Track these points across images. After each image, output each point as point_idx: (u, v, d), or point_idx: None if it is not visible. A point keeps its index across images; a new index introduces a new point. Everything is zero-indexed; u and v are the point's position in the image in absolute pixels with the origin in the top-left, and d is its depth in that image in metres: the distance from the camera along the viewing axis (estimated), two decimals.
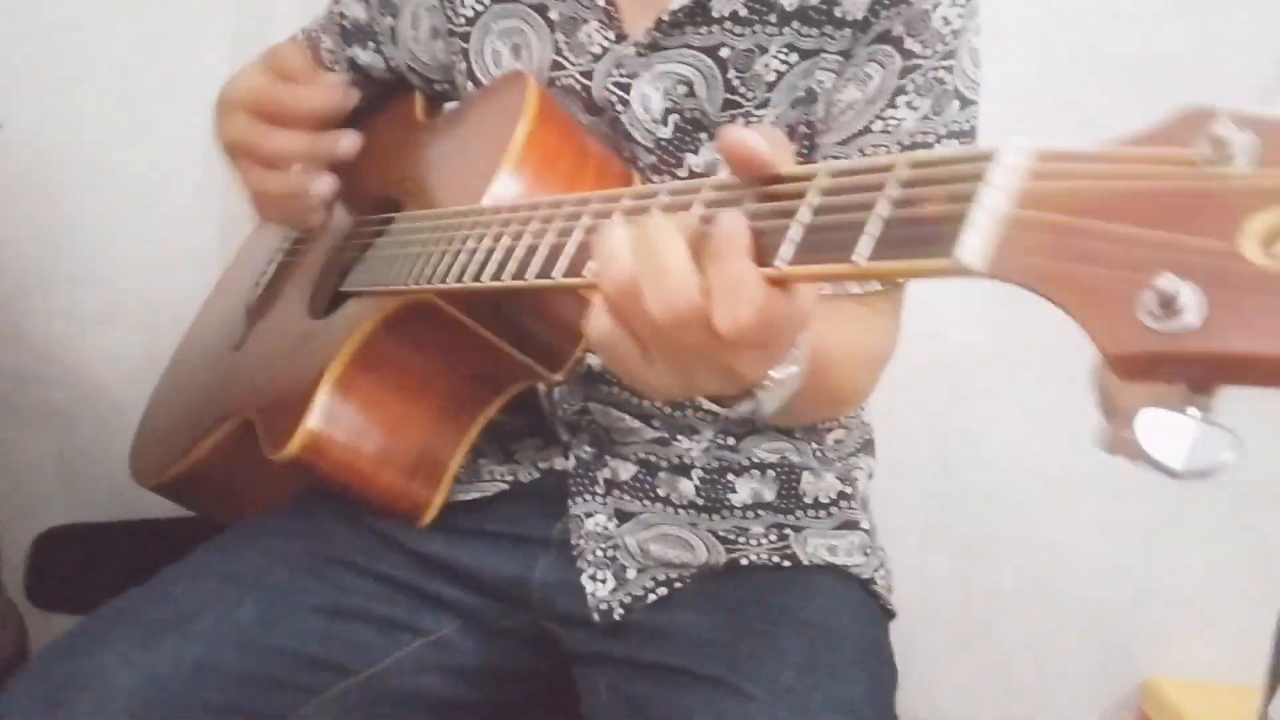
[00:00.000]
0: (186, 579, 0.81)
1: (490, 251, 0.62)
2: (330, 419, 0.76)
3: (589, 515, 0.85)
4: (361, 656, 0.81)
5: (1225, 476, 0.34)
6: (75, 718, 0.73)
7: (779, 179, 0.48)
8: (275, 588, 0.81)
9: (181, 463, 0.92)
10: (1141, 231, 0.34)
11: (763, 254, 0.47)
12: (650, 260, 0.49)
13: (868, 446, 0.94)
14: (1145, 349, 0.33)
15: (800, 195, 0.46)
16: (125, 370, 1.27)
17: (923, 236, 0.39)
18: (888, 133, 0.78)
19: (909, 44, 0.78)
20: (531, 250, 0.59)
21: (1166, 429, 0.33)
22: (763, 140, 0.50)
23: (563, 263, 0.57)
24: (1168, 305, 0.32)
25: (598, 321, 0.52)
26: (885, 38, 0.78)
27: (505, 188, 0.72)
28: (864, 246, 0.42)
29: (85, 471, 1.32)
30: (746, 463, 0.87)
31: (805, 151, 0.82)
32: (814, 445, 0.88)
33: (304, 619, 0.80)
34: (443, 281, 0.66)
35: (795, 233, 0.45)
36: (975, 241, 0.38)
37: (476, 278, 0.63)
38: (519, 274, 0.59)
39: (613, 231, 0.51)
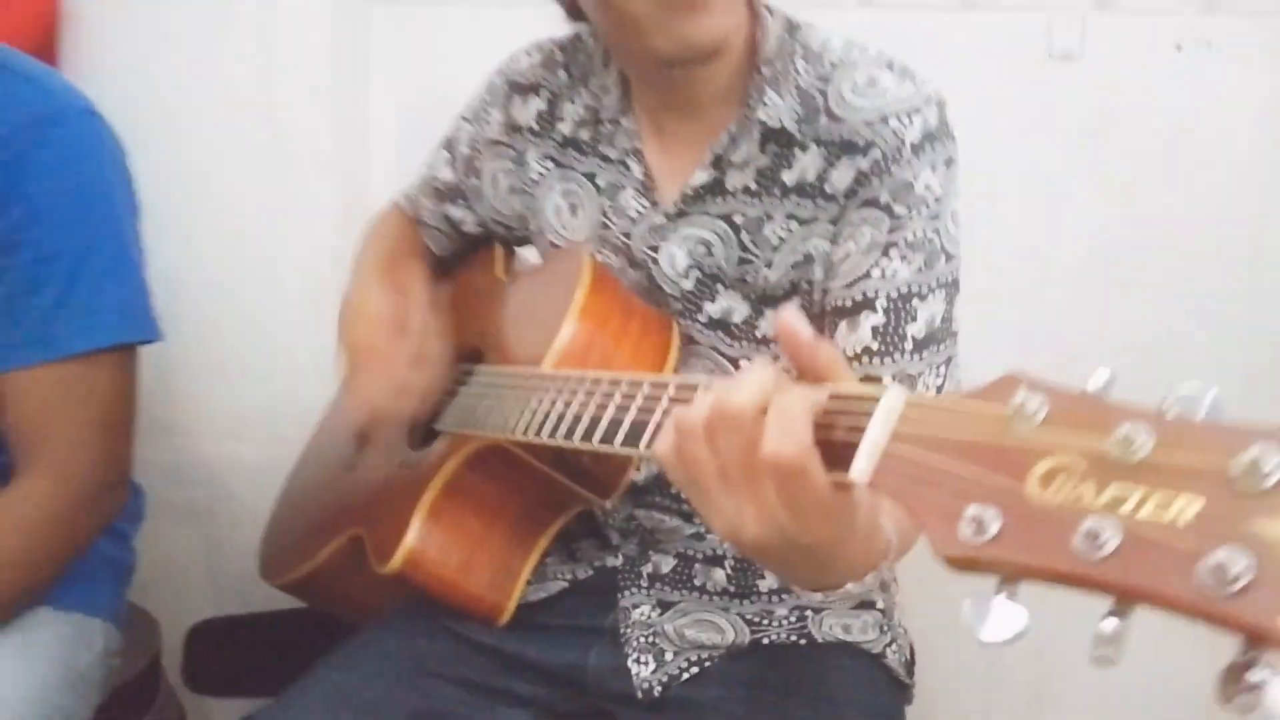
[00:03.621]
0: (303, 698, 0.94)
1: (560, 416, 0.79)
2: (424, 539, 0.93)
3: (635, 607, 0.99)
4: None
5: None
6: None
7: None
8: (375, 700, 0.94)
9: (303, 568, 1.10)
10: (966, 468, 0.49)
11: None
12: (726, 397, 0.58)
13: None
14: (961, 553, 0.48)
15: None
16: (252, 476, 1.44)
17: (828, 456, 0.55)
18: (885, 279, 0.89)
19: (896, 209, 0.89)
20: (595, 421, 0.75)
21: (981, 608, 0.48)
22: (810, 330, 0.60)
23: (619, 435, 0.72)
24: (977, 524, 0.48)
25: (662, 442, 0.62)
26: (873, 204, 0.89)
27: (566, 346, 0.89)
28: None
29: (223, 566, 1.50)
30: None
31: (807, 305, 0.95)
32: None
33: None
34: (514, 433, 0.84)
35: None
36: (863, 463, 0.53)
37: (539, 434, 0.80)
38: (585, 437, 0.75)
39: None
